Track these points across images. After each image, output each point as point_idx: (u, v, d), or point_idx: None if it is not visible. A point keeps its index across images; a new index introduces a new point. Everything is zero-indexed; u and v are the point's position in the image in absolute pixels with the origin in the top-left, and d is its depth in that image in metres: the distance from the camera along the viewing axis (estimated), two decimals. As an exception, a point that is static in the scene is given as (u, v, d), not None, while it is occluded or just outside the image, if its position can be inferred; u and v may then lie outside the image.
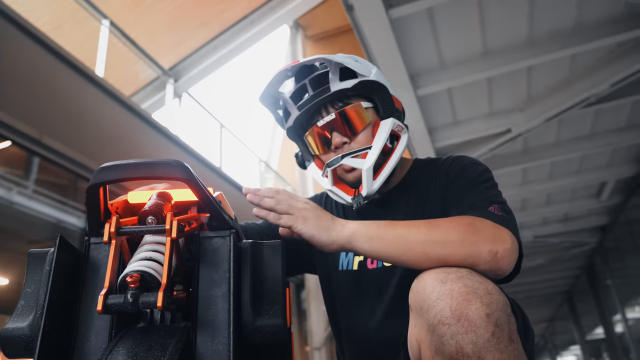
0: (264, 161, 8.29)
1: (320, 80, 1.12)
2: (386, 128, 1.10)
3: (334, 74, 1.09)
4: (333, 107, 1.12)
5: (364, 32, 3.09)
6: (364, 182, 1.07)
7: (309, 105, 1.11)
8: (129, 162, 0.62)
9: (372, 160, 1.07)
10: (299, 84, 1.15)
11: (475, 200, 0.98)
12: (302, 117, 1.14)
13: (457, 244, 0.85)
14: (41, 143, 3.37)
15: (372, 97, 1.13)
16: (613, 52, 3.68)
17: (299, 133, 1.20)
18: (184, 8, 6.70)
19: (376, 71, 1.14)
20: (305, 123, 1.16)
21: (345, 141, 1.11)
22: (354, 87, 1.09)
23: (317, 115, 1.13)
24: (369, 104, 1.13)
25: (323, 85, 1.10)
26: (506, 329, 0.75)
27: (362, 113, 1.11)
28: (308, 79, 1.13)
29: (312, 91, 1.11)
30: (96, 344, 0.64)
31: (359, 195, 1.09)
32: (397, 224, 0.91)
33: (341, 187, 1.16)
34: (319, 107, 1.12)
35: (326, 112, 1.12)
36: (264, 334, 0.65)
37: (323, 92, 1.09)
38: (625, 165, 5.63)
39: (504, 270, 0.87)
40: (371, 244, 0.90)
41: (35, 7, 5.48)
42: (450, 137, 4.53)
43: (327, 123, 1.11)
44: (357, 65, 1.10)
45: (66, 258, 0.67)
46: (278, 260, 0.72)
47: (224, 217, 0.70)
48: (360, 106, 1.11)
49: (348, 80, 1.09)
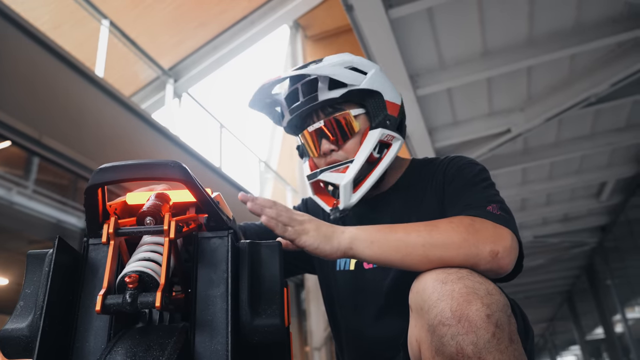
0: (264, 161, 8.29)
1: (312, 85, 1.12)
2: (372, 140, 1.09)
3: (323, 82, 1.09)
4: (323, 113, 1.12)
5: (363, 32, 3.10)
6: (341, 197, 1.08)
7: (299, 111, 1.12)
8: (128, 163, 0.63)
9: (350, 176, 1.07)
10: (292, 87, 1.16)
11: (473, 200, 0.98)
12: (295, 119, 1.16)
13: (457, 245, 0.85)
14: (41, 143, 3.37)
15: (365, 104, 1.12)
16: (613, 52, 3.68)
17: (295, 132, 1.22)
18: (184, 8, 6.70)
19: (373, 74, 1.13)
20: (299, 125, 1.18)
21: (333, 149, 1.12)
22: (341, 97, 1.09)
23: (309, 119, 1.15)
24: (361, 110, 1.13)
25: (314, 91, 1.11)
26: (506, 329, 0.75)
27: (350, 122, 1.10)
28: (300, 84, 1.13)
29: (303, 97, 1.12)
30: (95, 344, 0.64)
31: (336, 208, 1.10)
32: (397, 228, 0.91)
33: (322, 196, 1.18)
34: (311, 112, 1.13)
35: (317, 118, 1.13)
36: (262, 334, 0.66)
37: (311, 100, 1.10)
38: (625, 165, 5.63)
39: (505, 269, 0.87)
40: (372, 249, 0.90)
41: (34, 7, 5.48)
42: (450, 137, 4.54)
43: (315, 129, 1.12)
44: (346, 74, 1.09)
45: (65, 259, 0.67)
46: (276, 260, 0.72)
47: (222, 217, 0.70)
48: (348, 115, 1.10)
49: (337, 89, 1.09)
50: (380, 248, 0.89)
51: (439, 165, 1.14)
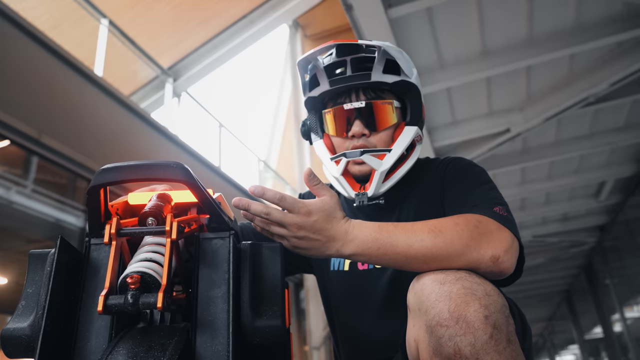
0: (263, 160, 8.29)
1: (363, 62, 1.08)
2: (410, 135, 1.08)
3: (380, 63, 1.05)
4: (365, 95, 1.09)
5: (363, 31, 3.09)
6: (374, 182, 1.05)
7: (343, 85, 1.07)
8: (130, 163, 0.63)
9: (389, 164, 1.05)
10: (339, 58, 1.10)
11: (480, 200, 0.97)
12: (330, 92, 1.10)
13: (459, 252, 0.84)
14: (40, 142, 3.37)
15: (405, 99, 1.11)
16: (612, 51, 3.68)
17: (318, 107, 1.16)
18: (183, 7, 6.70)
19: (417, 74, 1.12)
20: (331, 99, 1.13)
21: (365, 133, 1.08)
22: (394, 84, 1.06)
23: (346, 97, 1.10)
24: (399, 104, 1.11)
25: (364, 69, 1.07)
26: (504, 330, 0.75)
27: (391, 112, 1.08)
28: (350, 57, 1.08)
29: (352, 72, 1.07)
30: (96, 344, 0.64)
31: (364, 193, 1.06)
32: (398, 234, 0.87)
33: (348, 179, 1.11)
34: (351, 90, 1.09)
35: (356, 98, 1.08)
36: (263, 335, 0.66)
37: (362, 77, 1.05)
38: (624, 165, 5.63)
39: (505, 273, 0.87)
40: (370, 259, 0.88)
41: (33, 6, 5.48)
42: (450, 136, 4.54)
43: (354, 109, 1.08)
44: (404, 63, 1.07)
45: (67, 259, 0.67)
46: (277, 262, 0.72)
47: (224, 218, 0.70)
48: (392, 104, 1.08)
49: (390, 74, 1.06)
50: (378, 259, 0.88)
51: (438, 166, 1.13)
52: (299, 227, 0.85)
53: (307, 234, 0.86)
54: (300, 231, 0.86)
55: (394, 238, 0.87)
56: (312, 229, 0.86)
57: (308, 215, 0.86)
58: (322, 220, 0.87)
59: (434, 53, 3.63)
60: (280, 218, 0.85)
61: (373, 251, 0.87)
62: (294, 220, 0.85)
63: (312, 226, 0.86)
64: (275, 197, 0.86)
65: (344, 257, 0.89)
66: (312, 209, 0.86)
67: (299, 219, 0.85)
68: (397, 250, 0.86)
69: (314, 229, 0.86)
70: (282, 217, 0.85)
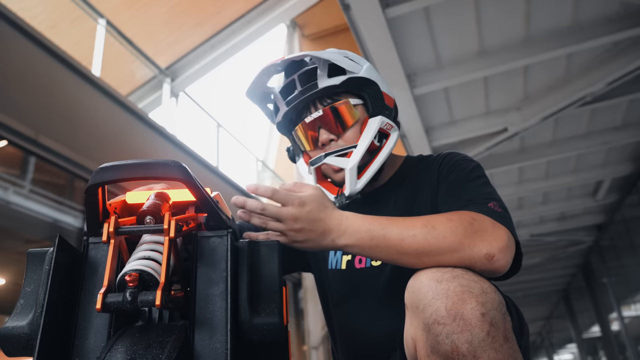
0: (261, 160, 8.29)
1: (309, 75, 1.11)
2: (373, 126, 1.09)
3: (322, 70, 1.08)
4: (321, 103, 1.11)
5: (360, 31, 3.10)
6: (347, 181, 1.07)
7: (297, 101, 1.10)
8: (128, 162, 0.63)
9: (356, 160, 1.06)
10: (289, 79, 1.14)
11: (474, 195, 0.98)
12: (291, 112, 1.14)
13: (453, 249, 0.85)
14: (37, 142, 3.37)
15: (362, 94, 1.12)
16: (609, 51, 3.69)
17: (288, 128, 1.19)
18: (181, 7, 6.69)
19: (367, 67, 1.13)
20: (294, 118, 1.16)
21: (332, 138, 1.10)
22: (342, 84, 1.08)
23: (306, 111, 1.13)
24: (359, 100, 1.12)
25: (312, 81, 1.09)
26: (501, 327, 0.76)
27: (350, 110, 1.10)
28: (297, 74, 1.12)
29: (301, 87, 1.11)
30: (95, 342, 0.65)
31: (342, 194, 1.09)
32: (391, 227, 0.89)
33: (325, 185, 1.16)
34: (307, 103, 1.12)
35: (314, 109, 1.11)
36: (261, 332, 0.66)
37: (311, 89, 1.09)
38: (621, 164, 5.65)
39: (500, 271, 0.87)
40: (363, 251, 0.90)
41: (30, 6, 5.46)
42: (447, 136, 4.54)
43: (314, 119, 1.10)
44: (346, 62, 1.09)
45: (65, 257, 0.68)
46: (275, 260, 0.72)
47: (222, 217, 0.71)
48: (348, 103, 1.10)
49: (337, 76, 1.08)
50: (371, 253, 0.90)
51: (433, 161, 1.14)
52: (295, 218, 0.88)
53: (303, 225, 0.89)
54: (296, 223, 0.88)
55: (386, 230, 0.89)
56: (307, 219, 0.89)
57: (302, 206, 0.89)
58: (315, 209, 0.89)
59: (432, 53, 3.64)
60: (275, 212, 0.88)
61: (366, 242, 0.89)
62: (289, 212, 0.88)
63: (307, 216, 0.89)
64: (267, 192, 0.89)
65: (339, 248, 0.91)
66: (305, 199, 0.89)
67: (294, 210, 0.88)
68: (390, 243, 0.88)
69: (309, 219, 0.89)
70: (277, 211, 0.88)
